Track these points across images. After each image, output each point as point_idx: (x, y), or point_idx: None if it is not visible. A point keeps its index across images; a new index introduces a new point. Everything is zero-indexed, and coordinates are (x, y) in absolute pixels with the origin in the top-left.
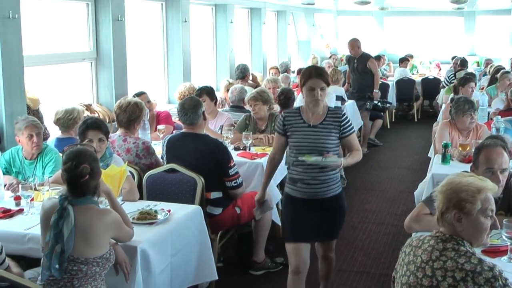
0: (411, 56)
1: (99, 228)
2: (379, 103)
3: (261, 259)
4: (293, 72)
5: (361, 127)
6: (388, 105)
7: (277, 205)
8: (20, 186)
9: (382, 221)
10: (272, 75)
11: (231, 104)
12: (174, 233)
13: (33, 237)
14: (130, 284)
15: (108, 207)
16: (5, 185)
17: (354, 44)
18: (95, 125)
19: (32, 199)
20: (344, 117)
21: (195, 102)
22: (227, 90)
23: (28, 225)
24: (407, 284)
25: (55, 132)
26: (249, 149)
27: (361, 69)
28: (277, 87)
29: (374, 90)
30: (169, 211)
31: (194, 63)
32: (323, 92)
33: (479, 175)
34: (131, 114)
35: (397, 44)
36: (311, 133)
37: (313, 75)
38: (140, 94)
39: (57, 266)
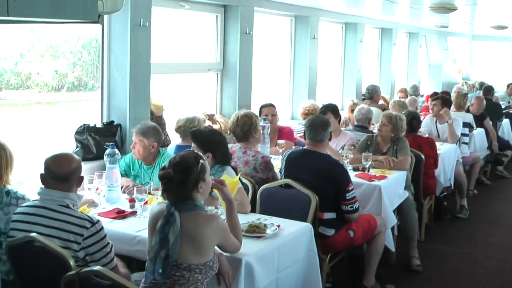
0: None
1: (205, 234)
2: (498, 155)
3: (371, 283)
4: (422, 96)
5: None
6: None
7: (392, 229)
8: (135, 189)
9: (506, 257)
10: (400, 97)
11: (355, 123)
12: (282, 249)
13: (142, 239)
14: None
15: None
16: (121, 187)
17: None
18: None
19: (146, 203)
20: None
21: (326, 120)
22: (352, 110)
23: (139, 227)
24: None
25: (176, 140)
26: (368, 171)
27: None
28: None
29: (493, 143)
30: (279, 226)
31: (320, 80)
32: None
33: None
34: (243, 126)
35: None
36: None
37: None
38: (267, 106)
39: (160, 270)
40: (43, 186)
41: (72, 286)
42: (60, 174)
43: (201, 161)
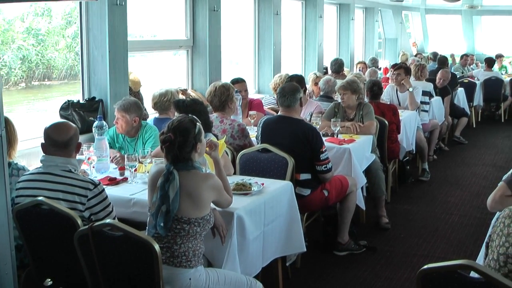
0: (501, 56)
1: (202, 190)
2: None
3: (345, 240)
4: (379, 68)
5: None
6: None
7: (362, 189)
8: (126, 157)
9: (465, 213)
10: (359, 70)
11: (321, 93)
12: (267, 204)
13: (138, 201)
14: (225, 247)
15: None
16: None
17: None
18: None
19: (136, 170)
20: None
21: (295, 87)
22: (316, 83)
23: (133, 191)
24: (505, 254)
25: (153, 114)
26: (337, 136)
27: None
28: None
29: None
30: (262, 184)
31: (284, 55)
32: None
33: None
34: (221, 96)
35: (486, 43)
36: None
37: None
38: (238, 81)
39: (162, 224)
40: (44, 154)
41: (85, 240)
42: (60, 141)
43: (197, 124)
